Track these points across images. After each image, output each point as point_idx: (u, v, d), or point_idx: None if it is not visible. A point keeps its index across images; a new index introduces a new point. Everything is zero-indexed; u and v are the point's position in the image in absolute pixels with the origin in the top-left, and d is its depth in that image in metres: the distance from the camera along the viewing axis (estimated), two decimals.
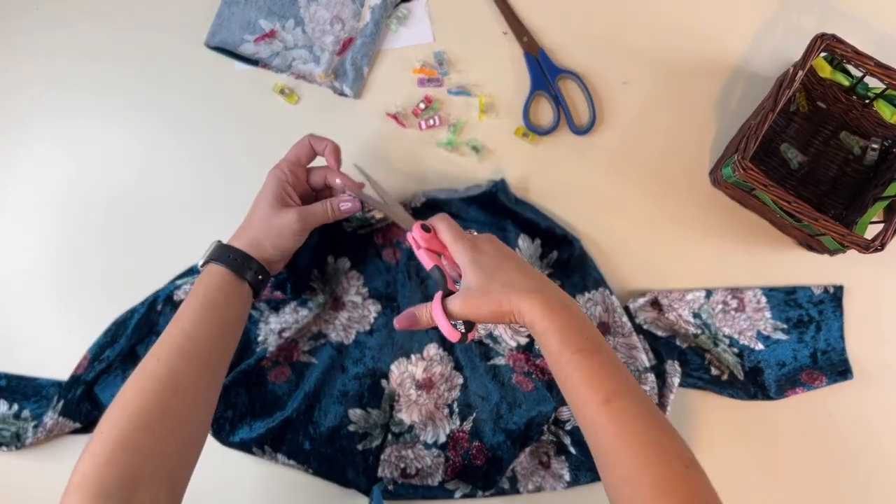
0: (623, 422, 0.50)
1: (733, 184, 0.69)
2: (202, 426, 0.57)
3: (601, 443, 0.51)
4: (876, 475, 0.71)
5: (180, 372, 0.55)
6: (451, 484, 0.69)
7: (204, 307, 0.59)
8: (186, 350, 0.56)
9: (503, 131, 0.77)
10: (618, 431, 0.50)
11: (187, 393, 0.55)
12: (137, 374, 0.55)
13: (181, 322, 0.58)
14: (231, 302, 0.60)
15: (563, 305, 0.54)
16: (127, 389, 0.54)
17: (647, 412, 0.52)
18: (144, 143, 0.78)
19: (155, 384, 0.54)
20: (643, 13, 0.78)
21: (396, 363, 0.71)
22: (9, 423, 0.71)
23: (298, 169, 0.66)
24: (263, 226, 0.63)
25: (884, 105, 0.69)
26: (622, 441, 0.50)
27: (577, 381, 0.52)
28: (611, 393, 0.51)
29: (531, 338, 0.71)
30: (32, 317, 0.75)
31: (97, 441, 0.51)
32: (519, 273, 0.57)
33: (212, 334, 0.58)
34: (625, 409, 0.51)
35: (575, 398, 0.53)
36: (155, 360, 0.55)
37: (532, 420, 0.69)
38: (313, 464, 0.69)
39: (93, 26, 0.80)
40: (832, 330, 0.71)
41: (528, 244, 0.72)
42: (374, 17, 0.77)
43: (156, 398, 0.53)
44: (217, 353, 0.59)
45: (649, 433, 0.50)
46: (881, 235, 0.62)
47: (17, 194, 0.78)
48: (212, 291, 0.60)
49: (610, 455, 0.51)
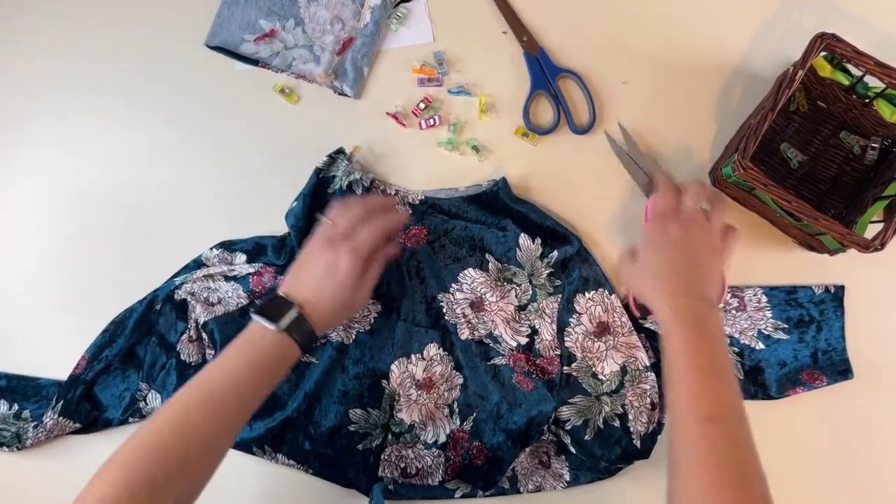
0: (718, 446, 0.52)
1: (733, 183, 0.68)
2: (204, 483, 0.57)
3: (685, 457, 0.53)
4: (876, 475, 0.71)
5: (213, 433, 0.56)
6: (452, 484, 0.69)
7: (263, 381, 0.60)
8: (230, 415, 0.57)
9: (503, 131, 0.77)
10: (709, 453, 0.52)
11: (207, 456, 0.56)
12: (171, 417, 0.55)
13: (238, 384, 0.58)
14: (283, 374, 0.62)
15: (697, 318, 0.57)
16: (155, 430, 0.55)
17: (743, 444, 0.53)
18: (144, 143, 0.78)
19: (182, 442, 0.55)
20: (643, 13, 0.78)
21: (397, 363, 0.71)
22: (9, 423, 0.71)
23: (370, 252, 0.65)
24: (345, 312, 0.66)
25: (884, 104, 0.69)
26: (711, 463, 0.52)
27: (682, 393, 0.55)
28: (715, 416, 0.53)
29: (531, 338, 0.71)
30: (32, 317, 0.75)
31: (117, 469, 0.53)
32: (670, 267, 0.60)
33: (254, 405, 0.60)
34: (723, 435, 0.53)
35: (674, 408, 0.56)
36: (197, 412, 0.56)
37: (532, 420, 0.69)
38: (313, 464, 0.69)
39: (93, 26, 0.80)
40: (833, 330, 0.71)
41: (528, 243, 0.72)
42: (374, 17, 0.77)
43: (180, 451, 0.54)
44: (247, 416, 0.60)
45: (740, 466, 0.52)
46: (881, 235, 0.62)
47: (17, 194, 0.78)
48: (276, 367, 0.61)
49: (690, 471, 0.53)
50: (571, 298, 0.71)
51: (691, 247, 0.61)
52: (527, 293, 0.72)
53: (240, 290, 0.72)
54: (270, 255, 0.73)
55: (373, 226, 0.65)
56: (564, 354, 0.71)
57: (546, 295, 0.72)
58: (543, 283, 0.72)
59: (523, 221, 0.72)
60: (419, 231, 0.74)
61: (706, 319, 0.57)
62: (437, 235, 0.74)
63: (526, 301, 0.72)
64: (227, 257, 0.74)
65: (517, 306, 0.72)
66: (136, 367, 0.72)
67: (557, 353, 0.71)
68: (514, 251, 0.73)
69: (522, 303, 0.72)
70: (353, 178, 0.73)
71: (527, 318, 0.72)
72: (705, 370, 0.55)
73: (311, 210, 0.72)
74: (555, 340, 0.71)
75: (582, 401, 0.70)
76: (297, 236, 0.71)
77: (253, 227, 0.75)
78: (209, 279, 0.72)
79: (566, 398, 0.69)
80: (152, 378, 0.71)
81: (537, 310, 0.72)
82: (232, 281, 0.72)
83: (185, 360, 0.71)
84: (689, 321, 0.57)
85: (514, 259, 0.73)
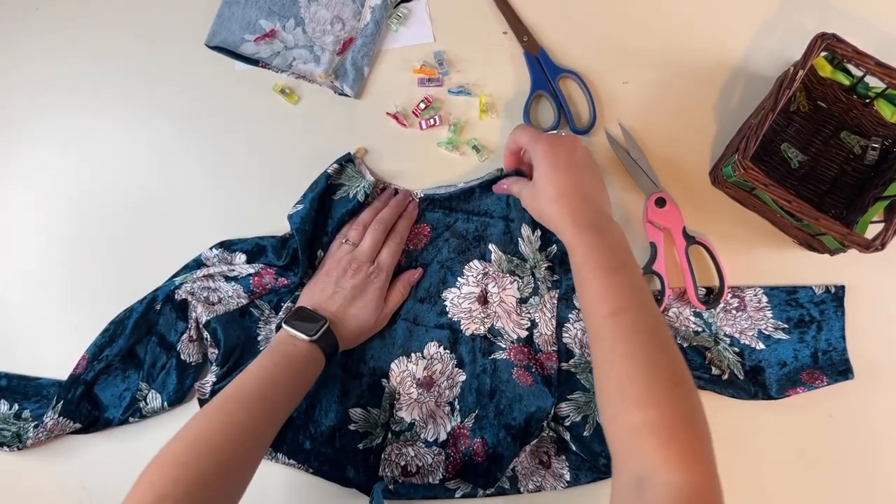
0: (623, 335, 0.54)
1: (734, 183, 0.69)
2: (248, 482, 0.59)
3: (599, 353, 0.56)
4: (876, 475, 0.71)
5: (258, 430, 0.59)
6: (452, 483, 0.69)
7: (298, 385, 0.62)
8: (269, 414, 0.60)
9: (504, 131, 0.77)
10: (616, 343, 0.54)
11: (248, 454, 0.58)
12: (216, 418, 0.57)
13: (276, 385, 0.60)
14: (312, 382, 0.64)
15: (595, 227, 0.60)
16: (202, 425, 0.57)
17: (649, 329, 0.55)
18: (144, 143, 0.78)
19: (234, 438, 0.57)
20: (643, 13, 0.78)
21: (397, 362, 0.71)
22: (9, 423, 0.71)
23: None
24: (376, 325, 0.70)
25: (884, 104, 0.69)
26: (617, 353, 0.54)
27: (590, 294, 0.57)
28: (619, 308, 0.55)
29: (531, 331, 0.71)
30: (32, 317, 0.75)
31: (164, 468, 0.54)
32: (572, 187, 0.62)
33: (290, 407, 0.62)
34: (628, 324, 0.55)
35: (585, 310, 0.58)
36: (241, 412, 0.58)
37: (532, 416, 0.69)
38: (314, 463, 0.69)
39: (93, 26, 0.80)
40: (833, 330, 0.71)
41: (529, 233, 0.72)
42: (375, 17, 0.77)
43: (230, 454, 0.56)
44: (284, 417, 0.62)
45: (646, 349, 0.54)
46: (882, 235, 0.62)
47: (17, 194, 0.78)
48: (306, 373, 0.63)
49: (605, 365, 0.55)
50: (570, 294, 0.71)
51: (582, 166, 0.64)
52: (529, 286, 0.72)
53: (240, 290, 0.72)
54: (271, 256, 0.73)
55: (392, 246, 0.71)
56: (562, 350, 0.71)
57: (547, 289, 0.72)
58: (544, 275, 0.72)
59: (525, 211, 0.72)
60: (421, 229, 0.74)
61: (607, 227, 0.61)
62: (440, 231, 0.74)
63: (528, 294, 0.72)
64: (227, 257, 0.74)
65: (519, 299, 0.72)
66: (136, 367, 0.72)
67: (555, 350, 0.71)
68: (517, 243, 0.73)
69: (524, 295, 0.72)
70: (360, 188, 0.73)
71: (528, 311, 0.72)
72: (608, 269, 0.58)
73: (317, 214, 0.72)
74: (553, 336, 0.71)
75: (580, 397, 0.70)
76: (302, 240, 0.71)
77: (253, 228, 0.75)
78: (209, 279, 0.72)
79: (565, 394, 0.70)
80: (152, 378, 0.71)
81: (538, 303, 0.72)
82: (232, 281, 0.72)
83: (185, 360, 0.71)
84: (593, 231, 0.60)
85: (517, 251, 0.73)
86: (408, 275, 0.72)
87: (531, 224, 0.72)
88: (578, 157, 0.64)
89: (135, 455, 0.71)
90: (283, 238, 0.74)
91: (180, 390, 0.71)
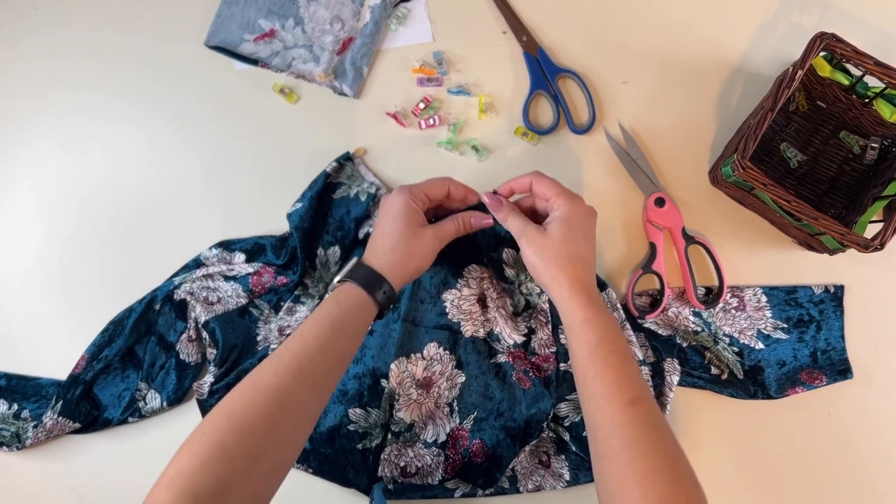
0: (643, 427, 0.52)
1: (733, 183, 0.69)
2: (297, 450, 0.55)
3: (613, 442, 0.53)
4: (876, 475, 0.71)
5: (294, 393, 0.53)
6: (452, 483, 0.69)
7: (333, 329, 0.57)
8: (306, 371, 0.55)
9: (503, 131, 0.77)
10: (636, 435, 0.52)
11: (295, 415, 0.53)
12: (249, 384, 0.53)
13: (306, 340, 0.56)
14: (358, 327, 0.59)
15: (603, 307, 0.58)
16: (236, 397, 0.53)
17: (664, 424, 0.54)
18: (144, 142, 0.78)
19: (265, 399, 0.52)
20: (643, 13, 0.78)
21: (396, 362, 0.71)
22: (9, 423, 0.71)
23: (426, 199, 0.65)
24: (405, 248, 0.62)
25: (883, 104, 0.69)
26: (639, 446, 0.52)
27: (608, 378, 0.55)
28: (636, 398, 0.54)
29: (528, 336, 0.71)
30: (32, 317, 0.75)
31: (198, 441, 0.50)
32: (588, 256, 0.61)
33: (333, 360, 0.57)
34: (646, 416, 0.53)
35: (599, 394, 0.55)
36: (272, 374, 0.54)
37: (532, 418, 0.69)
38: (313, 463, 0.69)
39: (92, 26, 0.80)
40: (832, 329, 0.71)
41: (511, 255, 0.72)
42: (374, 17, 0.77)
43: (263, 414, 0.52)
44: (332, 378, 0.58)
45: (664, 444, 0.52)
46: (881, 235, 0.62)
47: (16, 194, 0.78)
48: (345, 314, 0.58)
49: (620, 456, 0.52)
50: None
51: (593, 238, 0.63)
52: (520, 303, 0.72)
53: (239, 290, 0.72)
54: (270, 255, 0.73)
55: (436, 180, 0.65)
56: (561, 351, 0.71)
57: (538, 296, 0.72)
58: (530, 288, 0.72)
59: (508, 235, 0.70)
60: None
61: (603, 304, 0.60)
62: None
63: (521, 308, 0.72)
64: (227, 257, 0.74)
65: (513, 311, 0.72)
66: (135, 367, 0.72)
67: (553, 350, 0.71)
68: (501, 269, 0.71)
69: (518, 310, 0.72)
70: (361, 188, 0.73)
71: (524, 321, 0.72)
72: (625, 354, 0.56)
73: (315, 213, 0.72)
74: (550, 338, 0.71)
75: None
76: (301, 238, 0.71)
77: (252, 227, 0.75)
78: (208, 279, 0.72)
79: (564, 395, 0.70)
80: (152, 378, 0.71)
81: (532, 315, 0.72)
82: (231, 281, 0.72)
83: (184, 360, 0.71)
84: (601, 309, 0.58)
85: (503, 276, 0.72)
86: (466, 215, 0.66)
87: (513, 246, 0.71)
88: (593, 226, 0.63)
89: (134, 455, 0.72)
90: (282, 237, 0.74)
91: (179, 390, 0.71)
